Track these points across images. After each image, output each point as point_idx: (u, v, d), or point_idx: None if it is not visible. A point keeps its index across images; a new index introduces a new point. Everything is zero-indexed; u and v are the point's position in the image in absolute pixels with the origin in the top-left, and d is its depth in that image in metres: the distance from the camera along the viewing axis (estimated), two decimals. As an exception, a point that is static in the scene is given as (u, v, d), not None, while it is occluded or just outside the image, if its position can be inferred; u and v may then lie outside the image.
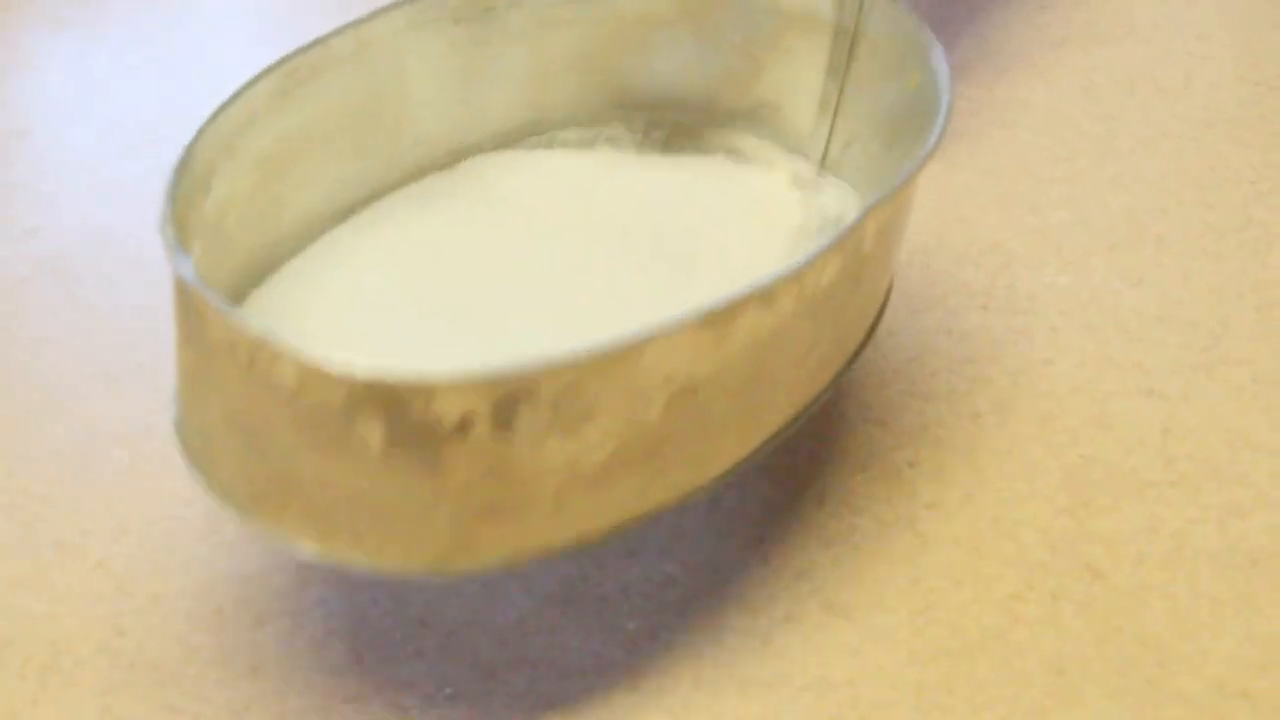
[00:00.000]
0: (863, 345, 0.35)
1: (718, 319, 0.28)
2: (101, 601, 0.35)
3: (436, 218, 0.37)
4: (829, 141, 0.39)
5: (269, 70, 0.33)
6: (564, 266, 0.36)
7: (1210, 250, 0.42)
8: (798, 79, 0.39)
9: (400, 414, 0.26)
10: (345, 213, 0.36)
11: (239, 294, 0.34)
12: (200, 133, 0.31)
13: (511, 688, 0.33)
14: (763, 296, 0.29)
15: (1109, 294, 0.41)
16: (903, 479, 0.36)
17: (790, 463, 0.37)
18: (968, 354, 0.40)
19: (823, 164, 0.40)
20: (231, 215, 0.33)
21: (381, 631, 0.34)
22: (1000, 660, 0.32)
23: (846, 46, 0.38)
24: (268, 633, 0.34)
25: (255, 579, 0.35)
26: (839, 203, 0.38)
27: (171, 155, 0.49)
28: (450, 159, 0.38)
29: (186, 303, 0.28)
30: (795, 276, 0.29)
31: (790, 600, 0.34)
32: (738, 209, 0.38)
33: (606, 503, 0.29)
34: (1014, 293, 0.41)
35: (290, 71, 0.33)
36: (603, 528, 0.29)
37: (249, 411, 0.27)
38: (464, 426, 0.27)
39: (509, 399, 0.27)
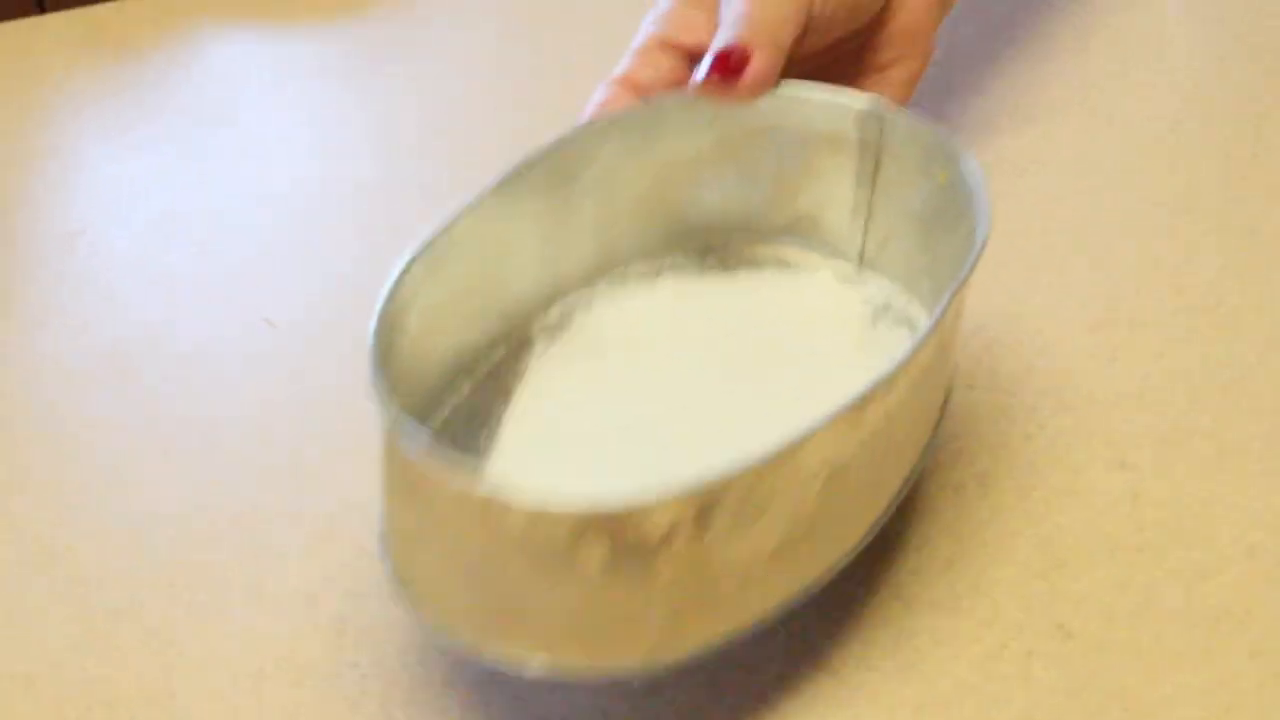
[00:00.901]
0: (941, 418, 0.39)
1: (859, 407, 0.33)
2: (153, 663, 0.39)
3: (550, 371, 0.42)
4: (865, 242, 0.44)
5: (419, 254, 0.38)
6: (668, 388, 0.41)
7: (1180, 331, 0.46)
8: (830, 192, 0.44)
9: (619, 534, 0.31)
10: (471, 366, 0.41)
11: None
12: (392, 296, 0.36)
13: (526, 740, 0.36)
14: (887, 384, 0.34)
15: (1084, 373, 0.45)
16: (889, 548, 0.40)
17: (786, 533, 0.40)
18: (953, 430, 0.43)
19: (861, 262, 0.44)
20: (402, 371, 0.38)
21: (409, 691, 0.37)
22: (975, 713, 0.36)
23: (872, 159, 0.43)
24: (305, 692, 0.38)
25: (293, 641, 0.39)
26: (883, 293, 0.43)
27: (216, 253, 0.53)
28: (544, 304, 0.43)
29: (409, 468, 0.33)
30: (906, 366, 0.34)
31: (784, 660, 0.37)
32: (798, 310, 0.43)
33: (776, 584, 0.34)
34: (996, 373, 0.45)
35: (432, 253, 0.38)
36: (773, 607, 0.34)
37: (477, 554, 0.32)
38: (671, 535, 0.31)
39: (706, 505, 0.31)
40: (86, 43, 0.68)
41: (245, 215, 0.56)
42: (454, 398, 0.41)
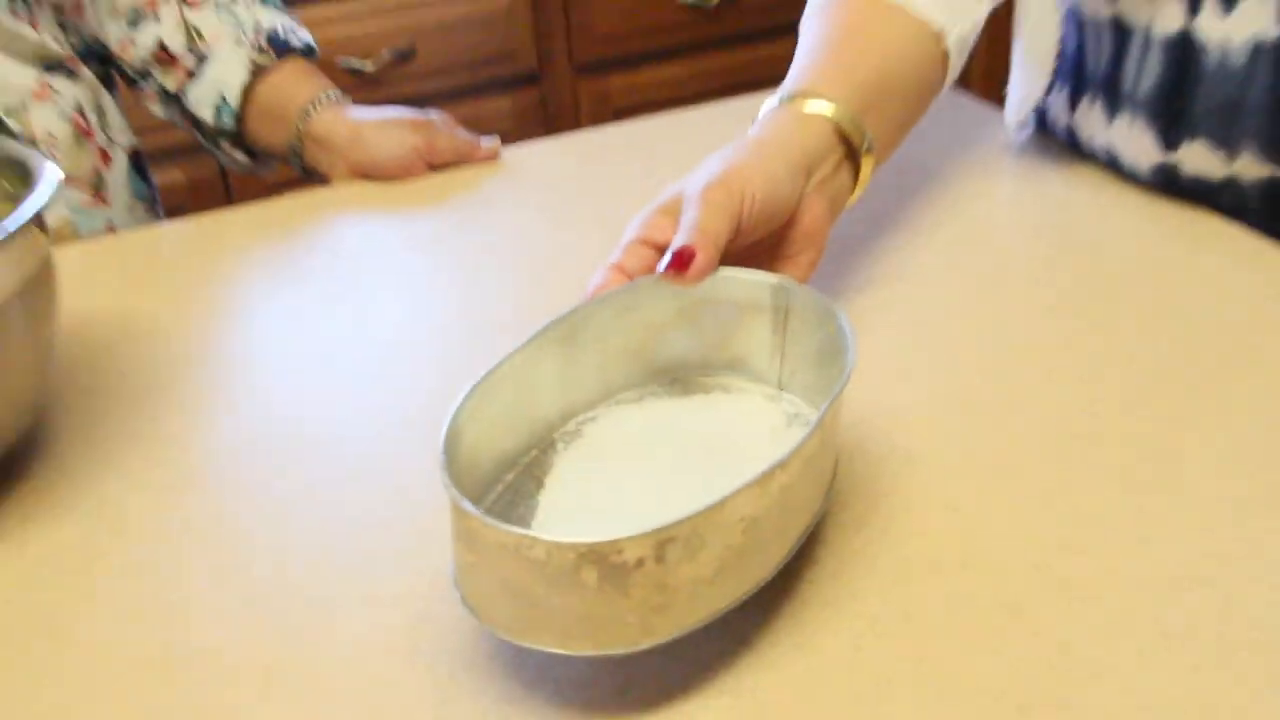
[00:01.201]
0: (831, 482, 0.44)
1: (765, 479, 0.37)
2: (294, 642, 0.43)
3: (569, 465, 0.46)
4: (780, 373, 0.49)
5: (476, 386, 0.42)
6: (650, 474, 0.45)
7: (995, 420, 0.50)
8: (755, 340, 0.49)
9: (605, 562, 0.35)
10: (512, 462, 0.46)
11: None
12: (455, 416, 0.41)
13: (545, 694, 0.40)
14: (783, 465, 0.38)
15: (930, 449, 0.49)
16: (792, 564, 0.44)
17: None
18: (837, 487, 0.48)
19: (779, 387, 0.49)
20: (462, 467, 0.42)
21: (467, 660, 0.42)
22: (848, 675, 0.40)
23: (783, 317, 0.48)
24: (396, 660, 0.42)
25: (387, 629, 0.43)
26: (795, 407, 0.48)
27: (341, 371, 0.59)
28: (562, 420, 0.48)
29: (470, 525, 0.37)
30: (798, 451, 0.39)
31: (717, 640, 0.42)
32: (736, 420, 0.48)
33: (717, 595, 0.38)
34: (866, 448, 0.50)
35: (485, 386, 0.43)
36: (716, 609, 0.38)
37: (515, 578, 0.36)
38: (639, 564, 0.36)
39: (662, 543, 0.36)
40: (261, 225, 0.74)
41: (362, 344, 0.61)
42: (501, 484, 0.45)
